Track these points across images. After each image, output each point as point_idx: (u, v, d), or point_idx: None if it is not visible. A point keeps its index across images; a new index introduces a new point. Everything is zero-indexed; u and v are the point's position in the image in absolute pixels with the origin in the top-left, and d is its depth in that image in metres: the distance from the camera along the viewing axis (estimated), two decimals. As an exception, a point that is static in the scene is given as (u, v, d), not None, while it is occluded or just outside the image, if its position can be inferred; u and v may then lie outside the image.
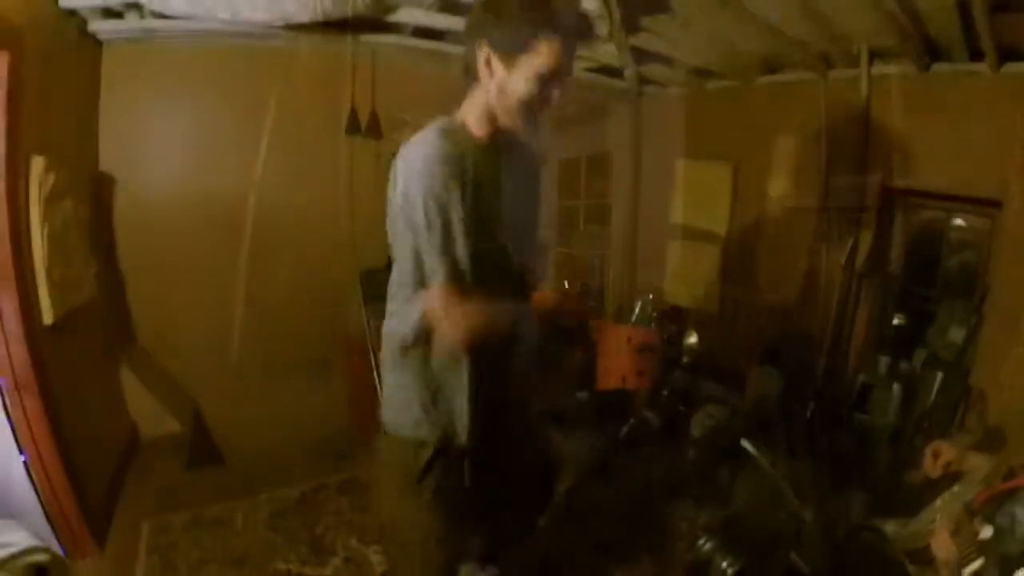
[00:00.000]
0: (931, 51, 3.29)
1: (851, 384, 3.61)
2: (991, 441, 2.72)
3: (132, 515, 3.23)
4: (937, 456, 1.86)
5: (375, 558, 2.97)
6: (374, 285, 3.66)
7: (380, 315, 1.90)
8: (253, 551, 3.01)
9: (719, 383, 4.07)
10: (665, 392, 3.75)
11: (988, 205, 3.32)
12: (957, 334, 3.22)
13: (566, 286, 4.43)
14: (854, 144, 3.61)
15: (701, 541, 2.26)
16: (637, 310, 4.02)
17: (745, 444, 2.17)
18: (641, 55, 4.03)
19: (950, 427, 3.19)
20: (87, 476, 2.90)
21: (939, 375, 3.19)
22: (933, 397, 3.17)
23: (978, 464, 1.80)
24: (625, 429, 3.66)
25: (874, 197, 3.61)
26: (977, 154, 3.21)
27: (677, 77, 4.39)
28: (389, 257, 1.81)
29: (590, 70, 4.36)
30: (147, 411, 3.94)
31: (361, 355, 3.67)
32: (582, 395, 3.76)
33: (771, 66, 4.00)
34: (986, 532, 1.29)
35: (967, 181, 3.28)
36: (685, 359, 4.15)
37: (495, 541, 2.27)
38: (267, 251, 3.99)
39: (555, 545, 2.95)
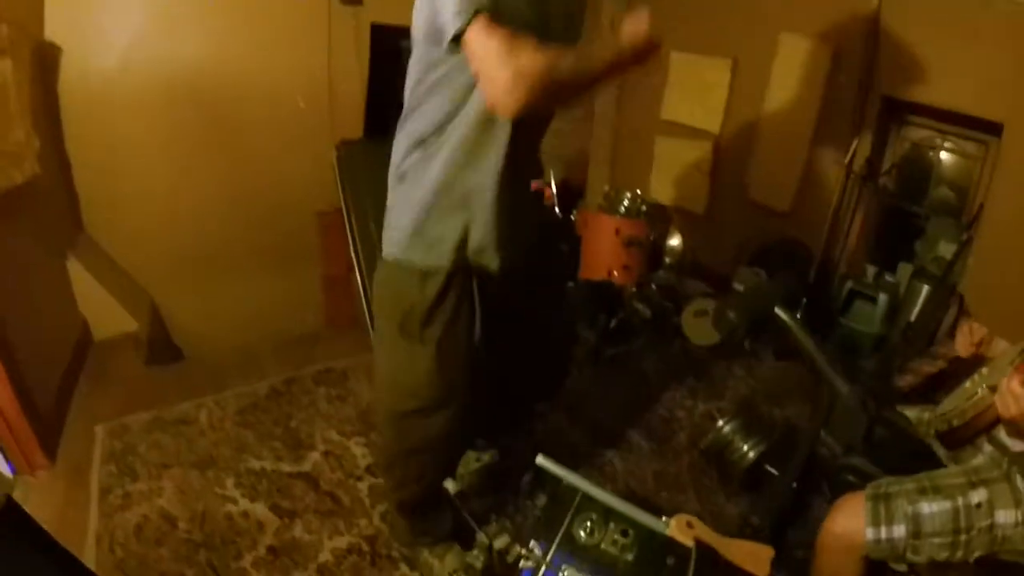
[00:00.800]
0: None
1: (839, 290, 3.58)
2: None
3: (85, 420, 2.98)
4: (972, 333, 1.77)
5: (358, 451, 2.84)
6: (350, 157, 3.37)
7: (356, 190, 1.67)
8: (221, 451, 2.82)
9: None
10: (653, 287, 3.69)
11: (989, 128, 3.24)
12: (946, 249, 3.18)
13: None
14: (860, 50, 3.46)
15: (720, 424, 2.17)
16: (626, 202, 3.83)
17: (779, 311, 2.04)
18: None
19: (932, 339, 3.20)
20: (33, 380, 2.65)
21: (925, 288, 3.17)
22: (918, 309, 3.13)
23: (1003, 349, 1.72)
24: (614, 321, 3.60)
25: (875, 103, 3.50)
26: (987, 75, 3.11)
27: None
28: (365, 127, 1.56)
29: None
30: (98, 307, 3.62)
31: (336, 234, 3.40)
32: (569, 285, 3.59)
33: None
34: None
35: (972, 101, 3.20)
36: (667, 260, 4.12)
37: (496, 420, 2.15)
38: (235, 127, 3.60)
39: (550, 431, 2.88)
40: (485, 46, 1.22)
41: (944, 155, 3.57)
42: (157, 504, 2.45)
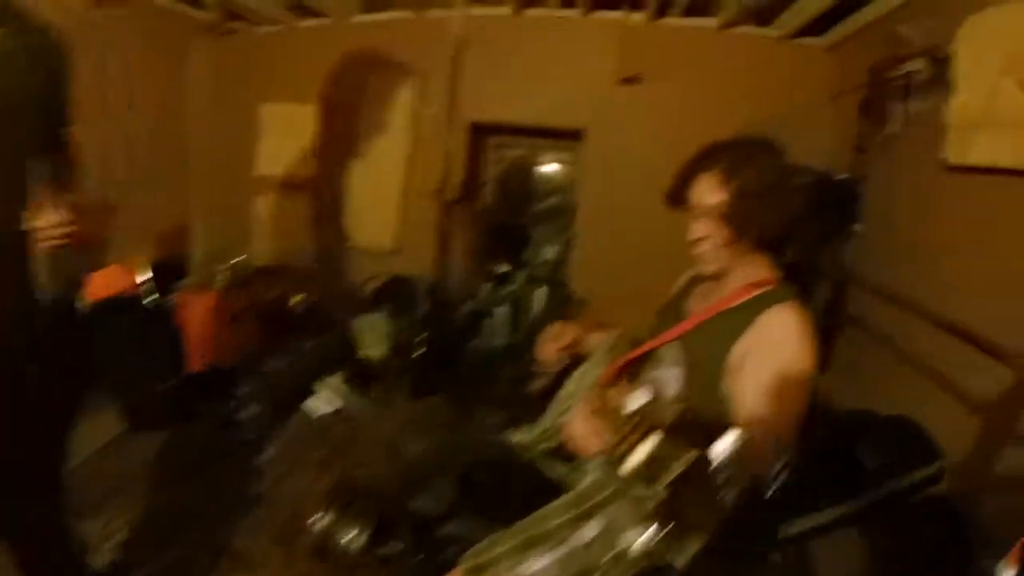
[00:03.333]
0: None
1: (461, 315, 3.61)
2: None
3: None
4: (556, 339, 1.65)
5: None
6: None
7: None
8: None
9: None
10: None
11: (572, 136, 3.64)
12: (550, 252, 3.33)
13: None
14: (445, 77, 3.60)
15: (314, 519, 1.61)
16: (223, 273, 3.39)
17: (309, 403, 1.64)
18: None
19: None
20: None
21: (537, 291, 3.23)
22: (538, 310, 3.17)
23: (599, 340, 1.65)
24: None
25: (461, 130, 3.66)
26: (567, 89, 3.53)
27: (269, 13, 3.79)
28: None
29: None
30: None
31: None
32: (166, 384, 2.96)
33: (369, 4, 3.75)
34: (633, 403, 1.01)
35: (554, 113, 3.56)
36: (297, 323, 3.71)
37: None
38: None
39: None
40: None
41: (550, 167, 3.91)
42: None
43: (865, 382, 2.68)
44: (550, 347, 1.63)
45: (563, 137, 3.72)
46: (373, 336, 3.47)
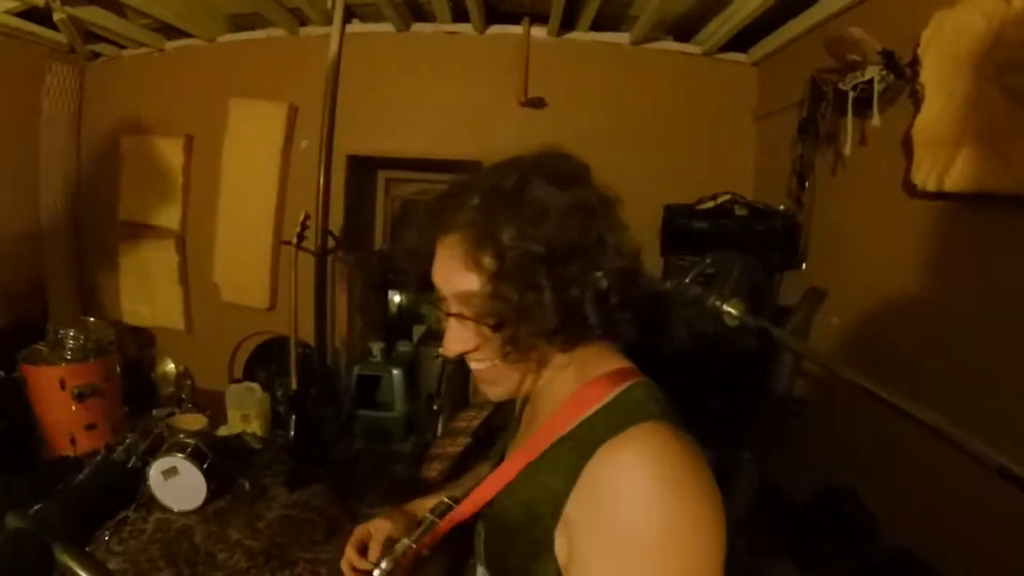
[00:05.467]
0: (413, 11, 3.09)
1: (348, 379, 3.12)
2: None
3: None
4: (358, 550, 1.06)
5: None
6: None
7: None
8: None
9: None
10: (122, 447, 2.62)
11: (464, 166, 3.12)
12: None
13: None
14: (320, 111, 3.14)
15: None
16: (72, 340, 2.90)
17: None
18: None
19: (466, 398, 2.92)
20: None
21: (436, 349, 2.76)
22: (439, 372, 2.73)
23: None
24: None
25: (339, 165, 3.21)
26: (457, 114, 3.12)
27: (133, 34, 3.31)
28: None
29: (16, 13, 3.03)
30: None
31: None
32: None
33: (239, 23, 3.31)
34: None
35: (436, 145, 3.15)
36: (166, 391, 3.39)
37: None
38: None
39: None
40: None
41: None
42: None
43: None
44: (351, 561, 0.96)
45: (459, 170, 3.25)
46: (246, 410, 3.00)
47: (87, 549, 1.30)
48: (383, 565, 0.83)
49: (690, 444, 0.68)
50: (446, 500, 0.89)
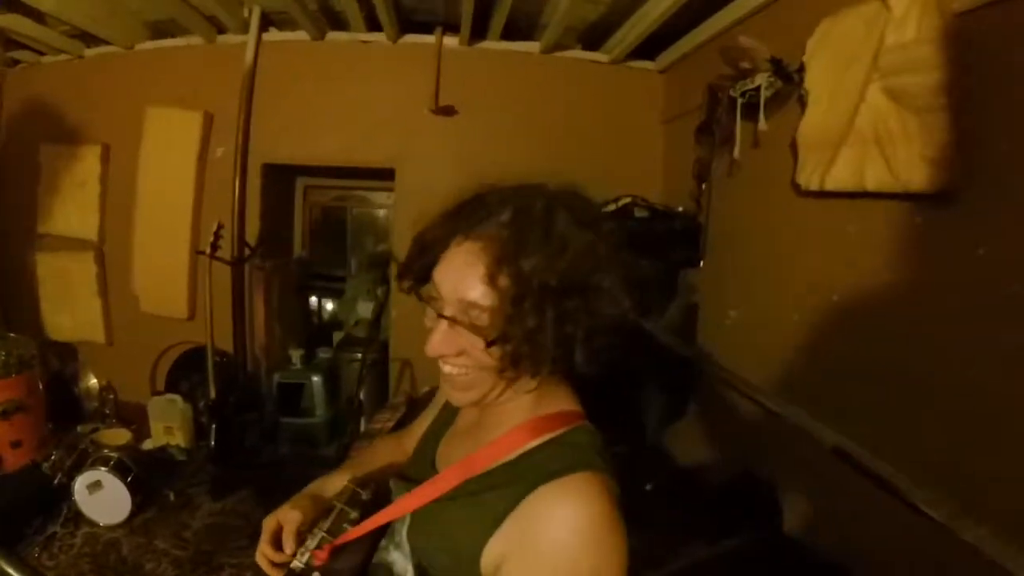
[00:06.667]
0: (329, 19, 3.10)
1: (269, 387, 3.13)
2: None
3: None
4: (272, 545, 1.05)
5: None
6: None
7: None
8: None
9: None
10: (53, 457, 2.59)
11: (387, 175, 3.24)
12: (365, 309, 2.94)
13: None
14: (236, 117, 3.14)
15: None
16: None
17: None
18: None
19: (385, 399, 3.01)
20: None
21: (355, 354, 2.80)
22: (357, 379, 2.75)
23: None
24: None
25: (256, 175, 3.22)
26: (371, 122, 3.15)
27: (53, 41, 3.26)
28: None
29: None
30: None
31: None
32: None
33: (158, 30, 3.28)
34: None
35: (362, 154, 3.18)
36: (91, 406, 3.34)
37: None
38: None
39: None
40: None
41: (357, 210, 3.48)
42: None
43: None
44: (265, 554, 0.96)
45: (376, 177, 3.34)
46: (168, 422, 2.99)
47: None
48: (301, 560, 0.86)
49: (615, 496, 0.74)
50: (350, 485, 0.91)
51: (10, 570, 0.79)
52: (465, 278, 0.75)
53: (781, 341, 2.10)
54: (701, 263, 2.65)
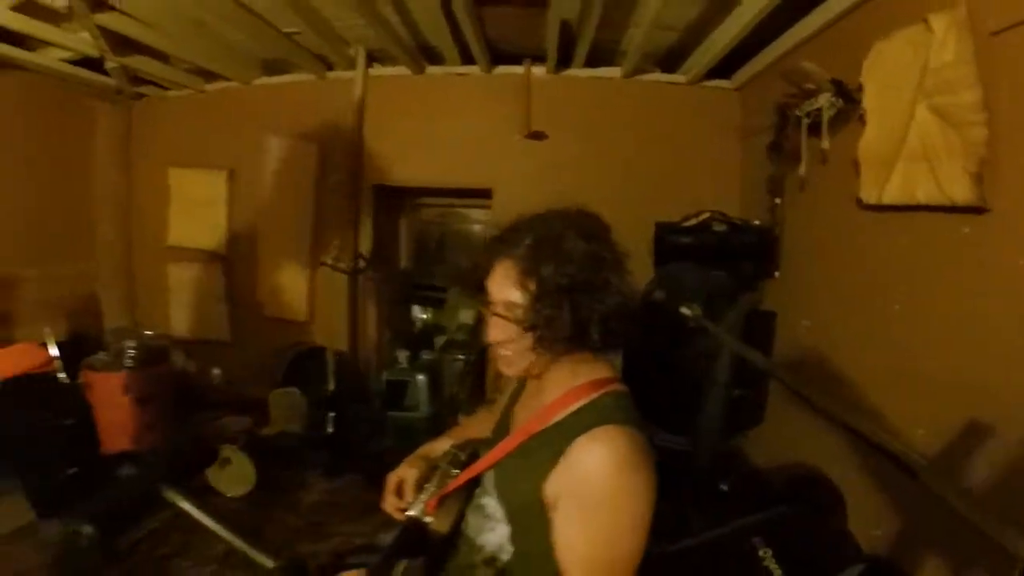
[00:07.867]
0: (426, 54, 3.43)
1: (378, 385, 3.40)
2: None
3: None
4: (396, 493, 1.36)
5: None
6: None
7: None
8: None
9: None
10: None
11: (485, 195, 3.54)
12: (466, 315, 3.24)
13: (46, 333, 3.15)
14: (347, 143, 3.53)
15: None
16: (132, 350, 3.13)
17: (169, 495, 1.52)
18: (126, 45, 3.29)
19: (482, 397, 3.32)
20: None
21: (457, 357, 3.14)
22: (459, 378, 3.08)
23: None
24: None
25: (368, 196, 3.59)
26: (468, 147, 3.47)
27: (175, 77, 3.73)
28: None
29: (69, 61, 3.42)
30: None
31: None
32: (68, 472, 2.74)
33: (272, 67, 3.71)
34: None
35: (462, 175, 3.49)
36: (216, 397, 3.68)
37: None
38: None
39: None
40: None
41: (456, 224, 3.81)
42: None
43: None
44: (391, 503, 1.31)
45: (474, 196, 3.64)
46: (286, 412, 3.37)
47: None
48: (416, 508, 1.18)
49: (640, 441, 1.02)
50: (452, 448, 1.27)
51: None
52: (505, 286, 1.07)
53: (849, 354, 2.25)
54: (776, 274, 2.81)
